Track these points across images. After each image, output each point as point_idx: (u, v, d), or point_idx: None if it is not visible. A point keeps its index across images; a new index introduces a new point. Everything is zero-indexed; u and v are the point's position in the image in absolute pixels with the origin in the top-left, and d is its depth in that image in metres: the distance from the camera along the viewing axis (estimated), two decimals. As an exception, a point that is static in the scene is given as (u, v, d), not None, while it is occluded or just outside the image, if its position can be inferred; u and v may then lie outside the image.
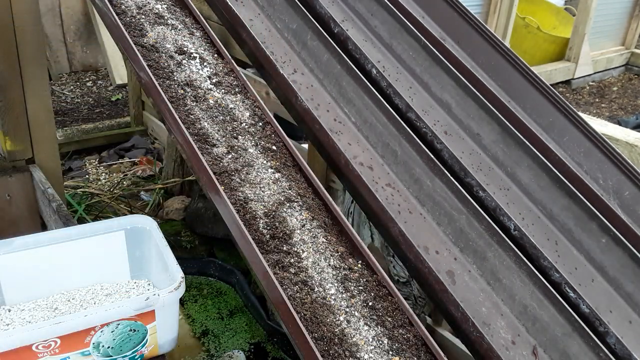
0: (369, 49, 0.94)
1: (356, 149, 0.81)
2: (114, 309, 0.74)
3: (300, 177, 0.80)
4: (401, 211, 0.76)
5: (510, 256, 0.74)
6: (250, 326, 1.53)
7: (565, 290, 0.74)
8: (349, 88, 0.87)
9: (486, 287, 0.72)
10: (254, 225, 0.69)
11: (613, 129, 1.10)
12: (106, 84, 3.05)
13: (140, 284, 0.94)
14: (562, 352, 0.68)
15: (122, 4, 0.91)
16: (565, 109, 0.92)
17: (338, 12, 0.98)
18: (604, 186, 0.87)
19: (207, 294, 1.64)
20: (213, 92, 0.85)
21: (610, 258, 0.79)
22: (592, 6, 3.99)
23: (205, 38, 0.94)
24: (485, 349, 0.65)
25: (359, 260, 0.72)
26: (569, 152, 0.90)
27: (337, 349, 0.60)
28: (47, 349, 0.72)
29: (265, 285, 0.63)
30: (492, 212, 0.79)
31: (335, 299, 0.66)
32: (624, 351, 0.70)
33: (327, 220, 0.75)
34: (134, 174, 2.18)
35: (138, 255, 0.94)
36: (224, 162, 0.75)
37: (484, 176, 0.83)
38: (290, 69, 0.88)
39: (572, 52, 4.20)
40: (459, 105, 0.89)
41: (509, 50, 0.97)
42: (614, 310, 0.75)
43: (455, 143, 0.86)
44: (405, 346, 0.64)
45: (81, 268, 0.91)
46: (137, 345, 0.80)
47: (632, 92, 4.36)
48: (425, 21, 1.01)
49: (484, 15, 3.71)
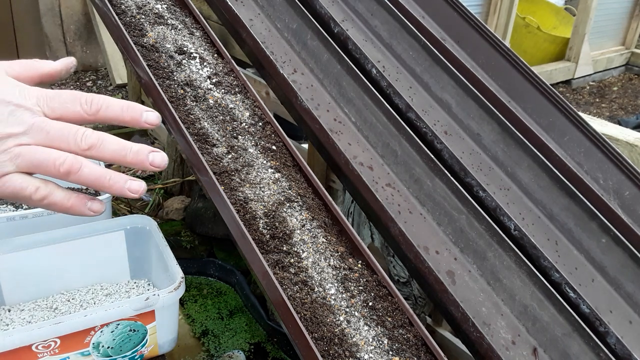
0: (369, 49, 0.94)
1: (356, 149, 0.81)
2: (114, 309, 0.74)
3: (300, 177, 0.80)
4: (401, 211, 0.76)
5: (510, 256, 0.74)
6: (250, 326, 1.53)
7: (566, 290, 0.74)
8: (349, 88, 0.86)
9: (486, 287, 0.72)
10: (254, 225, 0.69)
11: (613, 129, 1.10)
12: (106, 84, 3.05)
13: (140, 284, 0.94)
14: (562, 352, 0.68)
15: (122, 4, 0.91)
16: (565, 109, 0.92)
17: (338, 12, 0.98)
18: (604, 186, 0.87)
19: (207, 294, 1.64)
20: (213, 92, 0.85)
21: (610, 258, 0.79)
22: (592, 6, 3.99)
23: (205, 38, 0.94)
24: (485, 349, 0.65)
25: (359, 260, 0.72)
26: (569, 152, 0.90)
27: (337, 349, 0.60)
28: (47, 349, 0.72)
29: (265, 285, 0.63)
30: (492, 212, 0.79)
31: (335, 299, 0.66)
32: (624, 351, 0.70)
33: (327, 220, 0.75)
34: (134, 174, 2.18)
35: (138, 255, 0.94)
36: (224, 162, 0.75)
37: (484, 176, 0.83)
38: (290, 68, 0.88)
39: (572, 52, 4.20)
40: (459, 105, 0.89)
41: (509, 50, 0.97)
42: (614, 310, 0.75)
43: (456, 143, 0.86)
44: (405, 346, 0.64)
45: (81, 268, 0.91)
46: (137, 346, 0.80)
47: (632, 92, 4.36)
48: (426, 21, 1.01)
49: (484, 15, 3.71)
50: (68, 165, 0.50)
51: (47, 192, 0.51)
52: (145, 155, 0.52)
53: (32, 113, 0.50)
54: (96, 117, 0.52)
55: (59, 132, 0.50)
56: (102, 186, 0.52)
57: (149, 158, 0.53)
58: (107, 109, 0.52)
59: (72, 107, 0.51)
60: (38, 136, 0.49)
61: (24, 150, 0.49)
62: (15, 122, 0.49)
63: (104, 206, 0.55)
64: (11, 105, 0.49)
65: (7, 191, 0.49)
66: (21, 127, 0.49)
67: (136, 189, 0.53)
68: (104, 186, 0.51)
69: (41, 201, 0.51)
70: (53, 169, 0.49)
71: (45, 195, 0.51)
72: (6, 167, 0.49)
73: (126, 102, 0.54)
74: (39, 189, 0.50)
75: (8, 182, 0.49)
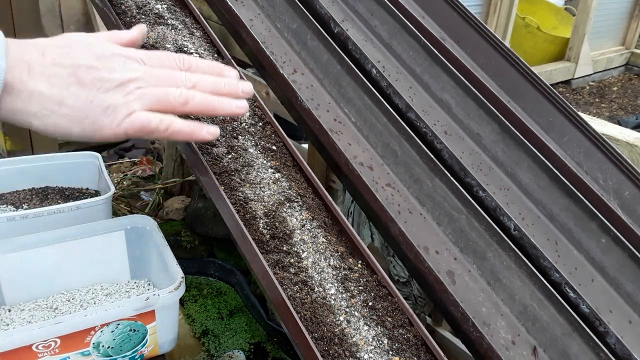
0: (369, 49, 0.94)
1: (356, 149, 0.81)
2: (114, 309, 0.74)
3: (300, 177, 0.80)
4: (401, 211, 0.76)
5: (510, 256, 0.74)
6: (250, 326, 1.53)
7: (565, 290, 0.74)
8: (349, 88, 0.87)
9: (486, 287, 0.72)
10: (254, 225, 0.69)
11: (613, 129, 1.10)
12: (106, 84, 3.04)
13: (140, 284, 0.94)
14: (562, 351, 0.68)
15: (122, 4, 0.91)
16: (565, 109, 0.92)
17: (338, 12, 0.98)
18: (604, 186, 0.87)
19: (207, 294, 1.64)
20: (213, 92, 0.85)
21: (610, 258, 0.79)
22: (592, 6, 3.99)
23: (205, 38, 0.94)
24: (485, 349, 0.65)
25: (359, 260, 0.72)
26: (569, 152, 0.90)
27: (337, 349, 0.60)
28: (47, 349, 0.72)
29: (265, 285, 0.63)
30: (492, 212, 0.79)
31: (335, 299, 0.66)
32: (624, 351, 0.70)
33: (327, 220, 0.75)
34: (134, 174, 2.18)
35: (138, 255, 0.94)
36: (224, 162, 0.75)
37: (484, 176, 0.83)
38: (290, 69, 0.88)
39: (572, 52, 4.20)
40: (459, 105, 0.89)
41: (509, 50, 0.97)
42: (614, 310, 0.75)
43: (455, 143, 0.86)
44: (405, 346, 0.64)
45: (81, 268, 0.91)
46: (137, 345, 0.80)
47: (632, 92, 4.36)
48: (425, 21, 1.01)
49: (484, 15, 3.72)
50: (184, 96, 0.58)
51: (170, 121, 0.58)
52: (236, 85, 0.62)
53: (140, 63, 0.58)
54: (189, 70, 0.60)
55: (168, 75, 0.58)
56: (214, 108, 0.60)
57: (239, 87, 0.63)
58: (197, 65, 0.61)
59: (168, 63, 0.60)
60: (152, 80, 0.57)
61: (145, 91, 0.56)
62: (130, 69, 0.56)
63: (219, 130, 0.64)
64: (121, 56, 0.57)
65: (136, 126, 0.56)
66: (137, 74, 0.56)
67: (243, 105, 0.62)
68: (215, 107, 0.60)
69: (166, 130, 0.58)
70: (173, 101, 0.58)
71: (169, 124, 0.58)
72: (133, 106, 0.56)
73: (212, 62, 0.64)
74: (162, 120, 0.58)
75: (135, 118, 0.56)
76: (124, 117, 0.56)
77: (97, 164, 1.15)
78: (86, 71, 0.54)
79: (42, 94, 0.53)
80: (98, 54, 0.55)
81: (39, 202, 1.09)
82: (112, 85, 0.55)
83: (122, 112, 0.55)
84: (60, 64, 0.53)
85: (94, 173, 1.16)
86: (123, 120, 0.56)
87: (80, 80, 0.54)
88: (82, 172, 1.16)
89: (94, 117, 0.54)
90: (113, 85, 0.55)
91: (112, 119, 0.55)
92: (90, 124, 0.55)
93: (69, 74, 0.53)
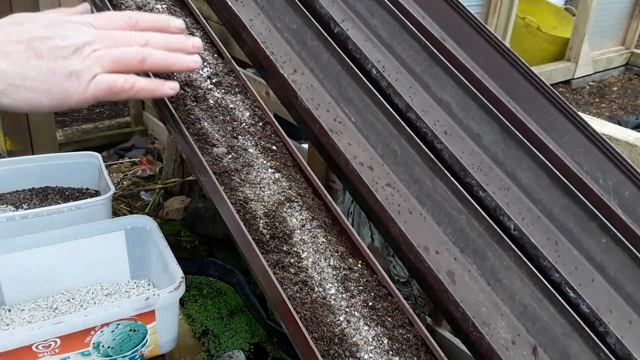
0: (369, 49, 0.94)
1: (356, 149, 0.81)
2: (114, 309, 0.74)
3: (300, 177, 0.80)
4: (401, 211, 0.76)
5: (510, 256, 0.74)
6: (250, 326, 1.53)
7: (565, 290, 0.74)
8: (349, 88, 0.87)
9: (486, 287, 0.72)
10: (254, 225, 0.69)
11: (613, 129, 1.10)
12: (106, 84, 3.04)
13: (140, 284, 0.94)
14: (562, 351, 0.68)
15: (122, 4, 0.91)
16: (565, 109, 0.92)
17: (338, 12, 0.98)
18: (604, 186, 0.87)
19: (207, 294, 1.64)
20: (213, 92, 0.85)
21: (610, 258, 0.79)
22: (592, 6, 3.99)
23: (205, 38, 0.94)
24: (485, 349, 0.65)
25: (359, 260, 0.72)
26: (569, 152, 0.90)
27: (337, 349, 0.60)
28: (47, 349, 0.72)
29: (265, 285, 0.63)
30: (492, 212, 0.79)
31: (335, 299, 0.66)
32: (624, 351, 0.70)
33: (327, 220, 0.75)
34: (134, 174, 2.18)
35: (138, 255, 0.94)
36: (224, 162, 0.75)
37: (484, 176, 0.83)
38: (290, 68, 0.88)
39: (572, 52, 4.20)
40: (459, 105, 0.89)
41: (509, 50, 0.97)
42: (614, 310, 0.75)
43: (455, 143, 0.86)
44: (405, 346, 0.64)
45: (81, 268, 0.91)
46: (137, 345, 0.80)
47: (632, 92, 4.36)
48: (426, 21, 1.01)
49: (484, 15, 3.71)
50: (141, 53, 0.59)
51: (134, 79, 0.60)
52: (186, 40, 0.64)
53: (90, 27, 0.59)
54: (136, 27, 0.62)
55: (120, 36, 0.60)
56: (172, 64, 0.63)
57: (190, 41, 0.65)
58: (142, 19, 0.63)
59: (116, 22, 0.61)
60: (106, 41, 0.58)
61: (101, 53, 0.57)
62: (82, 33, 0.57)
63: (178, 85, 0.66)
64: (71, 22, 0.58)
65: (103, 88, 0.58)
66: (89, 37, 0.57)
67: (197, 59, 0.65)
68: (173, 63, 0.62)
69: (131, 89, 0.60)
70: (132, 59, 0.59)
71: (133, 82, 0.60)
72: (94, 69, 0.57)
73: (157, 15, 0.66)
74: (127, 79, 0.59)
75: (101, 80, 0.57)
76: (89, 81, 0.57)
77: (97, 164, 1.15)
78: (41, 42, 0.55)
79: (5, 72, 0.54)
80: (48, 24, 0.56)
81: (39, 202, 1.09)
82: (68, 52, 0.56)
83: (86, 77, 0.56)
84: (15, 40, 0.54)
85: (94, 173, 1.16)
86: (89, 84, 0.57)
87: (38, 52, 0.55)
88: (82, 172, 1.16)
89: (60, 86, 0.56)
90: (69, 52, 0.56)
91: (78, 85, 0.56)
92: (57, 93, 0.56)
93: (25, 48, 0.54)
